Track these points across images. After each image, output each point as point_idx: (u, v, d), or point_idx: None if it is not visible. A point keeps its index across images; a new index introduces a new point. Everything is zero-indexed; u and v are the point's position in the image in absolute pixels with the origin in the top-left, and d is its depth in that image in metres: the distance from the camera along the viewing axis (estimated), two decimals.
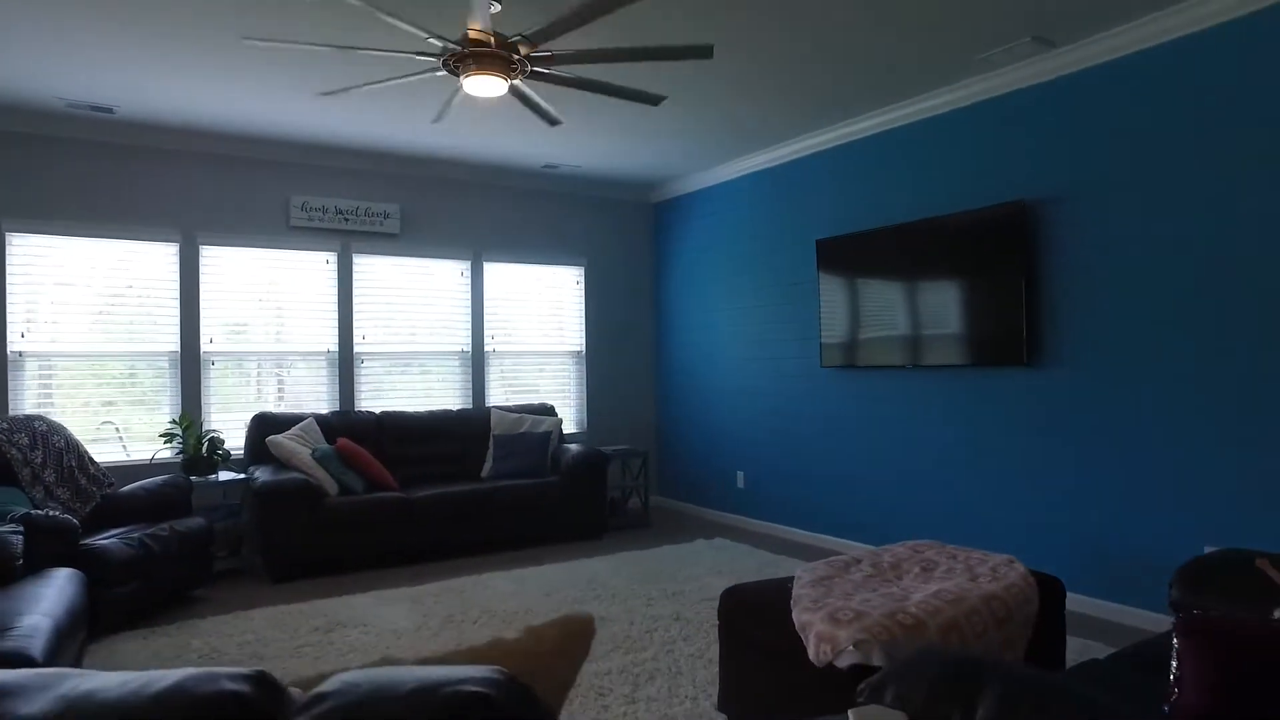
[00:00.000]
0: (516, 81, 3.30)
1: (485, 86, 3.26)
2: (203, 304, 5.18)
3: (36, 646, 2.37)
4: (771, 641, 2.50)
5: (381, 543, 4.81)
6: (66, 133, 4.78)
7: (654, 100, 3.40)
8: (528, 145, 5.43)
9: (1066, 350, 3.89)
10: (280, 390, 5.50)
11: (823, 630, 2.30)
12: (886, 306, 4.73)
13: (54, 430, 4.32)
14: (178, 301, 5.11)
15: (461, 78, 3.27)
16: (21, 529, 3.24)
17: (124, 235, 4.93)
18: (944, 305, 4.39)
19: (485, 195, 6.18)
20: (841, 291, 5.02)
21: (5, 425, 4.10)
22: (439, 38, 3.11)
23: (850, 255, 4.95)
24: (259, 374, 5.45)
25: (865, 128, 4.88)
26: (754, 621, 2.60)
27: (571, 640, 1.16)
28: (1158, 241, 3.55)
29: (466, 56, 3.22)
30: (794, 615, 2.44)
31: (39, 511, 3.58)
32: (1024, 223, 3.99)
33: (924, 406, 4.59)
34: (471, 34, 3.14)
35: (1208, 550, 3.41)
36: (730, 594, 2.74)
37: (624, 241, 6.83)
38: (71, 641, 2.78)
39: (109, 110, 4.59)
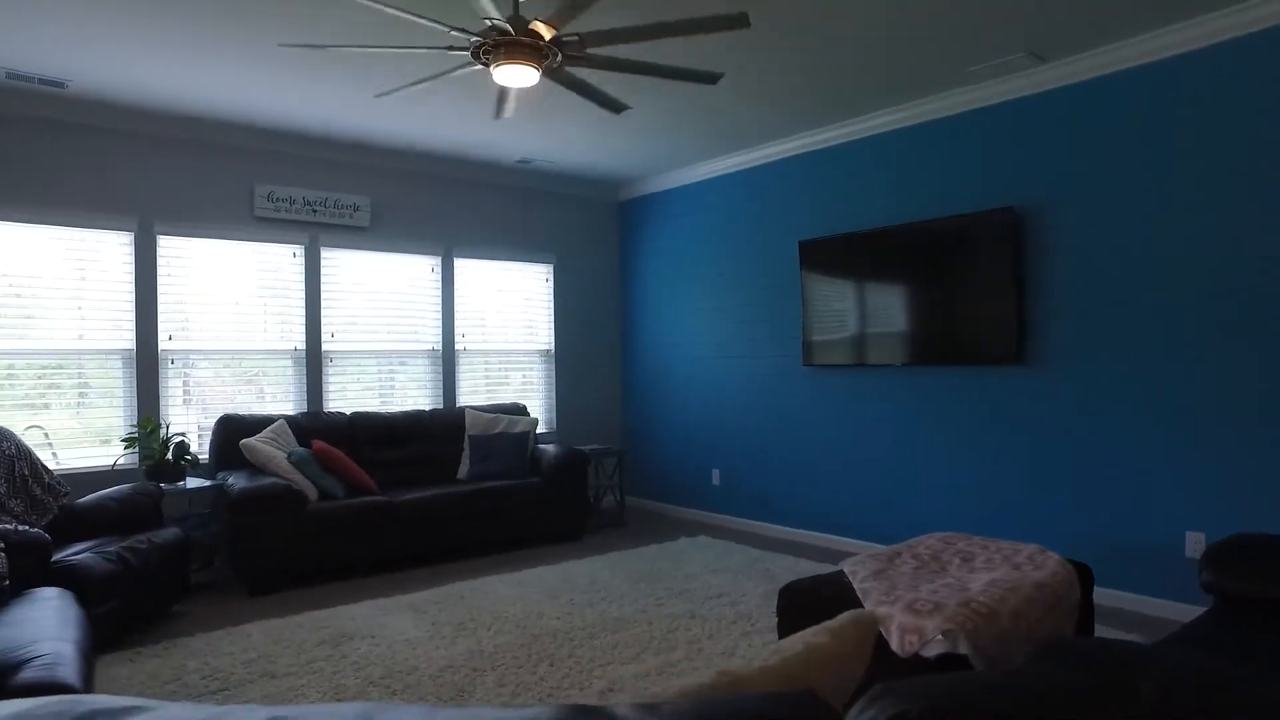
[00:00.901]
0: (566, 69, 3.21)
1: (517, 76, 3.16)
2: (160, 298, 4.81)
3: (69, 674, 2.15)
4: None
5: (365, 549, 4.60)
6: (8, 108, 4.34)
7: (711, 79, 3.35)
8: (504, 138, 5.31)
9: (1056, 349, 4.13)
10: (244, 390, 5.17)
11: (906, 621, 2.36)
12: (873, 307, 4.88)
13: (3, 436, 3.92)
14: (133, 296, 4.72)
15: (492, 68, 3.17)
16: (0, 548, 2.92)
17: (73, 223, 4.52)
18: (933, 306, 4.57)
19: (457, 189, 6.00)
20: (825, 292, 5.14)
21: None
22: (461, 30, 3.00)
23: (835, 256, 5.08)
24: (221, 374, 5.10)
25: (850, 132, 5.02)
26: (822, 616, 2.64)
27: (863, 643, 1.15)
28: (1141, 246, 3.82)
29: (494, 46, 3.12)
30: (869, 609, 2.49)
31: (6, 526, 3.24)
32: (1015, 227, 4.20)
33: (910, 403, 4.77)
34: (490, 22, 3.05)
35: (1189, 536, 3.70)
36: (790, 590, 2.77)
37: (592, 239, 6.78)
38: (89, 667, 2.53)
39: (60, 85, 4.19)
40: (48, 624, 2.49)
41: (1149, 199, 3.79)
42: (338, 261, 5.46)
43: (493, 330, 6.24)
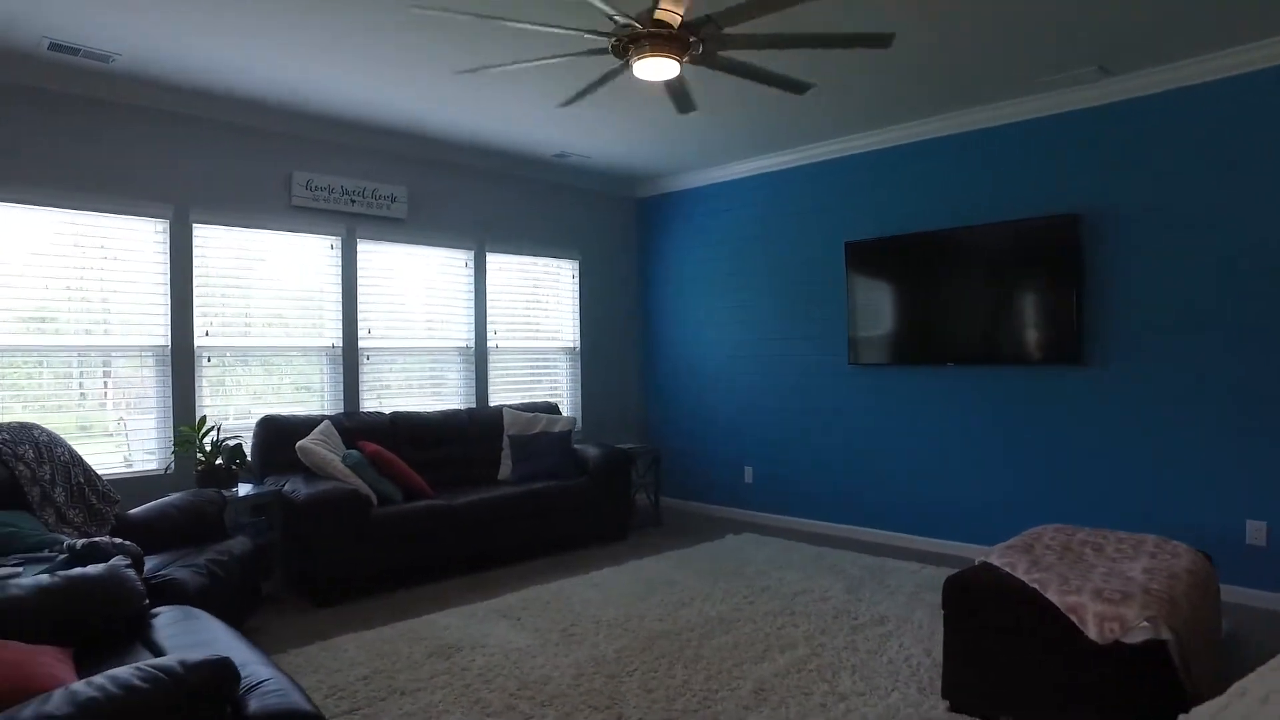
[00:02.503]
0: (718, 55, 3.16)
1: (656, 69, 3.11)
2: (196, 291, 4.49)
3: (302, 700, 1.99)
4: (1020, 625, 2.62)
5: (423, 555, 4.42)
6: (46, 82, 3.95)
7: (801, 88, 3.38)
8: (548, 131, 5.18)
9: (1116, 349, 4.34)
10: (277, 389, 4.88)
11: (1104, 610, 2.45)
12: (927, 307, 5.01)
13: (54, 441, 3.58)
14: (167, 288, 4.39)
15: (632, 59, 3.10)
16: (126, 561, 2.67)
17: (107, 208, 4.16)
18: (991, 307, 4.73)
19: (489, 182, 5.83)
20: (875, 292, 5.25)
21: (6, 436, 3.35)
22: (623, 14, 2.93)
23: (887, 257, 5.19)
24: (255, 372, 4.80)
25: (901, 136, 5.14)
26: (996, 609, 2.70)
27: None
28: (1203, 252, 4.06)
29: (643, 37, 3.05)
30: (1054, 599, 2.56)
31: (105, 539, 2.96)
32: (1077, 234, 4.40)
33: (967, 402, 4.92)
34: (660, 14, 2.99)
35: (1249, 524, 3.96)
36: (955, 582, 2.82)
37: (613, 236, 6.71)
38: None
39: (107, 58, 3.85)
40: (229, 644, 2.30)
41: (1210, 207, 4.04)
42: (374, 254, 5.22)
43: (522, 327, 6.10)
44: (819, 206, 5.63)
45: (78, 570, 2.43)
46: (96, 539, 2.94)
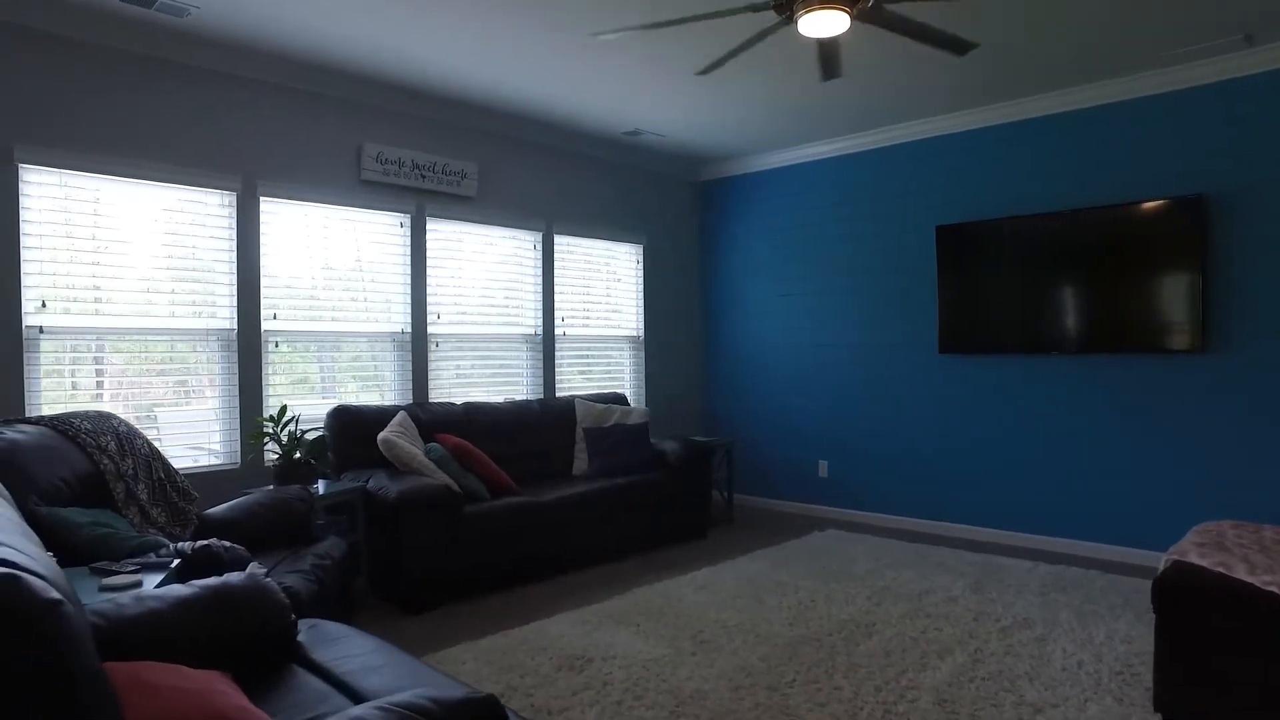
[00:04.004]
0: (884, 6, 2.89)
1: (824, 24, 2.82)
2: (263, 271, 4.13)
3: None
4: (1257, 633, 2.37)
5: (513, 555, 4.11)
6: (113, 40, 3.58)
7: (964, 48, 3.10)
8: (623, 105, 4.86)
9: (1245, 336, 4.12)
10: (342, 377, 4.53)
11: None
12: (1033, 294, 4.77)
13: (133, 432, 3.23)
14: (234, 267, 4.03)
15: (799, 13, 2.81)
16: (262, 569, 2.34)
17: (173, 179, 3.79)
18: (1105, 293, 4.50)
19: (557, 160, 5.51)
20: (972, 278, 5.00)
21: (88, 426, 2.99)
22: None
23: (986, 242, 4.94)
24: (324, 358, 4.45)
25: (1001, 115, 4.89)
26: (1224, 613, 2.45)
27: None
28: None
29: None
30: None
31: (216, 541, 2.63)
32: (1204, 215, 4.17)
33: (1072, 392, 4.69)
34: None
35: None
36: (1168, 585, 2.57)
37: (677, 220, 6.41)
38: None
39: (183, 13, 3.48)
40: (409, 666, 1.99)
41: None
42: (442, 234, 4.88)
43: (587, 314, 5.78)
44: (904, 190, 5.37)
45: (216, 580, 2.10)
46: (207, 542, 2.61)
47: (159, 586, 2.31)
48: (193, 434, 3.99)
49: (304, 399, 4.32)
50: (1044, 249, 4.71)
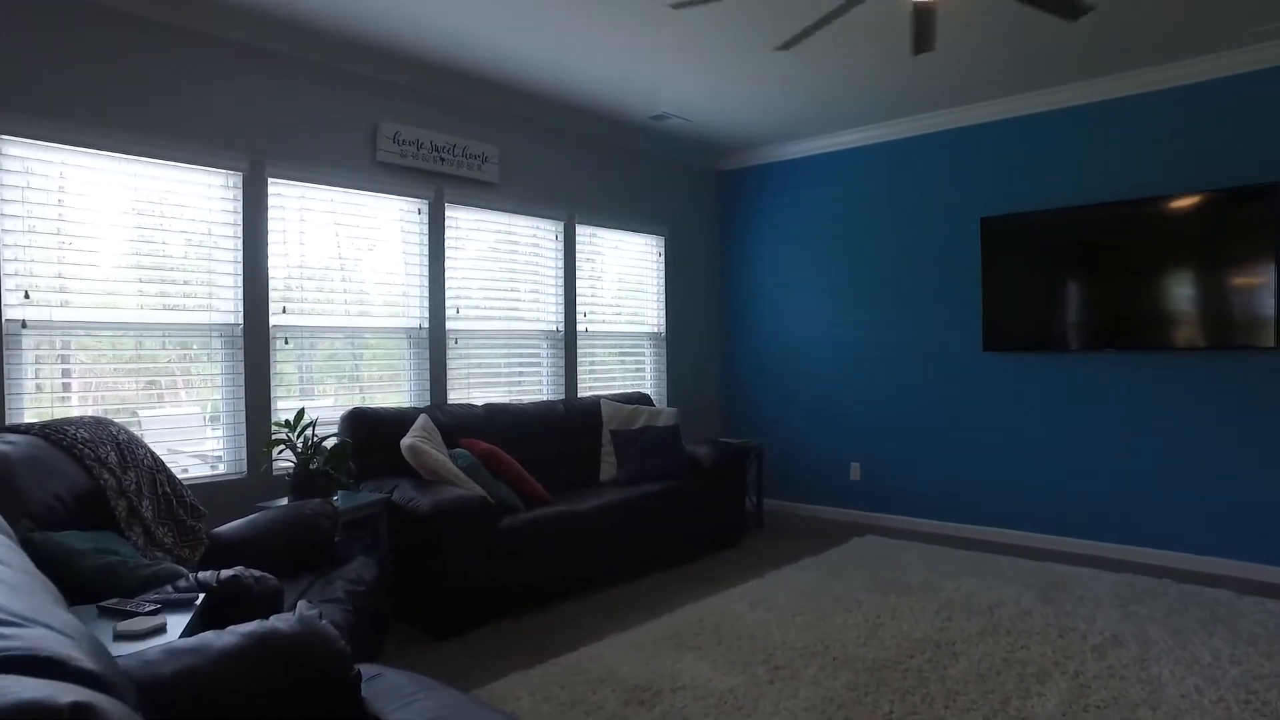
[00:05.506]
0: None
1: None
2: (271, 260, 3.74)
3: None
4: None
5: (547, 571, 3.77)
6: (119, 3, 3.18)
7: (1076, 13, 2.82)
8: (652, 85, 4.53)
9: None
10: (354, 376, 4.15)
11: None
12: (1088, 288, 4.53)
13: (134, 440, 2.84)
14: (239, 255, 3.63)
15: None
16: (315, 609, 1.98)
17: (172, 157, 3.39)
18: (1166, 287, 4.26)
19: (581, 146, 5.16)
20: (1020, 272, 4.75)
21: (85, 435, 2.60)
22: None
23: (1035, 234, 4.69)
24: (338, 355, 4.07)
25: (1051, 101, 4.63)
26: None
27: None
28: None
29: None
30: None
31: (244, 570, 2.26)
32: (1276, 204, 3.95)
33: (1128, 391, 4.45)
34: None
35: None
36: None
37: (699, 211, 6.09)
38: None
39: None
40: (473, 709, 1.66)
41: None
42: (461, 222, 4.52)
43: (609, 309, 5.45)
44: (945, 179, 5.10)
45: (261, 625, 1.73)
46: (233, 572, 2.24)
47: (186, 632, 1.95)
48: (193, 440, 3.59)
49: (315, 401, 3.93)
50: (1096, 242, 4.47)
